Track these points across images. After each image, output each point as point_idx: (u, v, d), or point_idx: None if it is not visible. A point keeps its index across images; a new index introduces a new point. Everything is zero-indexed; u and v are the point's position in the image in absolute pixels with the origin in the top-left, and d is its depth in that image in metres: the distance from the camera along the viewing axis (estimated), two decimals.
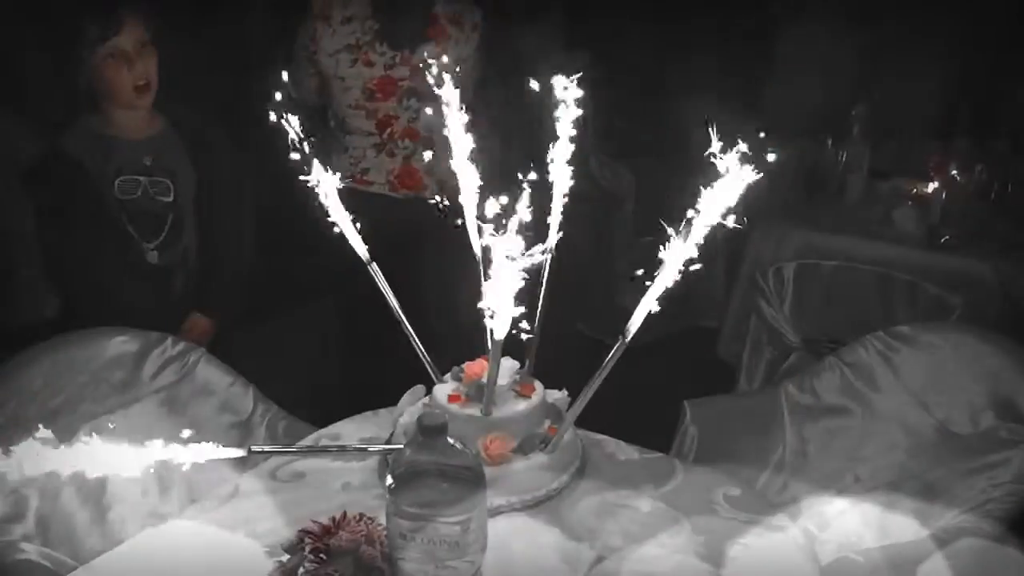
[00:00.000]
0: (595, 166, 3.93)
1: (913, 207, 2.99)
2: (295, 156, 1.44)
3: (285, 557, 1.15)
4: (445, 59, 1.52)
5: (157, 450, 1.29)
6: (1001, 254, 2.76)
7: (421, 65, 1.52)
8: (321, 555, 1.10)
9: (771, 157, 1.25)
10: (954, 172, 2.89)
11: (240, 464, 1.70)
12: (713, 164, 1.27)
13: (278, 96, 1.41)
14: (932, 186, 2.95)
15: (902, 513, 1.76)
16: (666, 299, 1.42)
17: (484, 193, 1.49)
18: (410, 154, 2.76)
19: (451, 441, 1.06)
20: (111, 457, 1.25)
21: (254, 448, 1.42)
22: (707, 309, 3.89)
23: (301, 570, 1.11)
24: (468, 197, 1.54)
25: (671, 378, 3.15)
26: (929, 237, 2.86)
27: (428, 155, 1.49)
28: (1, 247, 2.64)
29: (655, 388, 2.62)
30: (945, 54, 3.78)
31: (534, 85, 1.45)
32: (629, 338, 1.37)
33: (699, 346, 3.65)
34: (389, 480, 1.05)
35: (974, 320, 2.31)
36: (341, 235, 1.53)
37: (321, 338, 3.05)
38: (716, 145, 1.25)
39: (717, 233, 1.29)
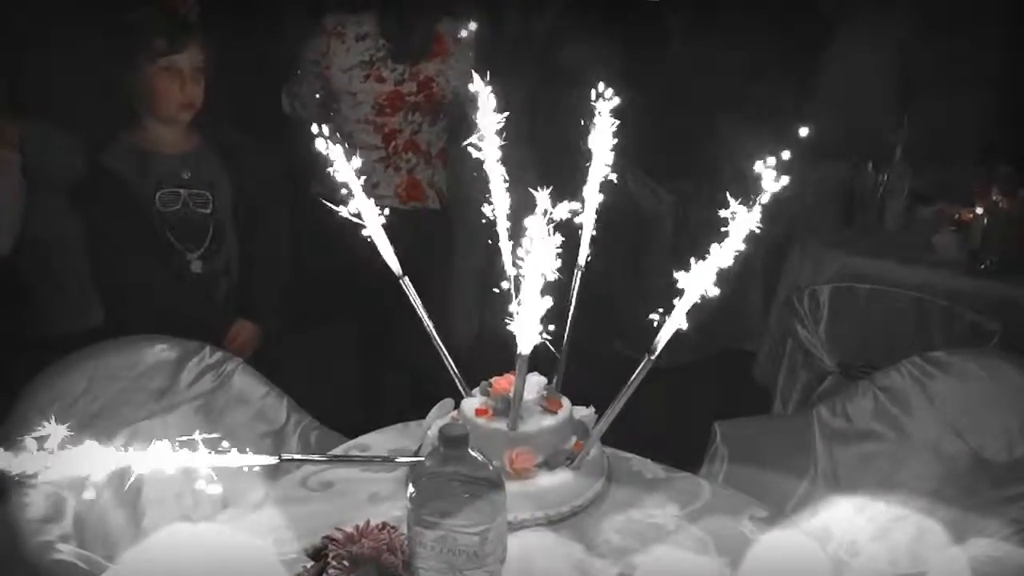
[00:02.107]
0: (633, 186, 3.94)
1: (954, 232, 2.96)
2: (337, 173, 1.48)
3: (309, 563, 1.17)
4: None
5: (192, 455, 1.33)
6: None
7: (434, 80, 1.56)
8: (344, 562, 1.12)
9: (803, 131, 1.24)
10: (996, 197, 2.85)
11: (272, 472, 1.73)
12: (749, 184, 1.27)
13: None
14: (974, 211, 2.91)
15: (933, 540, 1.74)
16: (704, 321, 1.42)
17: (515, 207, 1.52)
18: (413, 167, 2.85)
19: (472, 452, 1.08)
20: (147, 461, 1.29)
21: (285, 456, 1.45)
22: (744, 332, 3.88)
23: None
24: (500, 211, 1.56)
25: (706, 400, 3.14)
26: (970, 262, 2.83)
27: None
28: (50, 259, 2.72)
29: (690, 410, 2.61)
30: (990, 79, 3.74)
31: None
32: (656, 355, 1.37)
33: (736, 369, 3.63)
34: (410, 489, 1.07)
35: (1014, 347, 2.28)
36: (372, 249, 1.56)
37: (353, 351, 3.10)
38: (756, 166, 1.25)
39: (755, 256, 1.30)
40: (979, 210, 2.88)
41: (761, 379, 3.26)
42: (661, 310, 1.32)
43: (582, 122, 1.54)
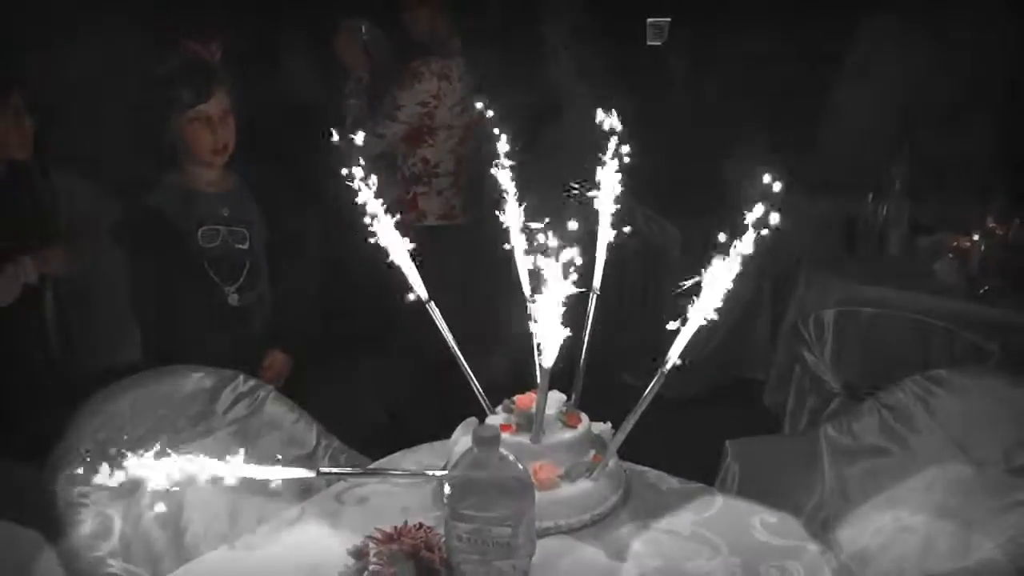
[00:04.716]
0: (641, 221, 4.05)
1: (954, 260, 3.04)
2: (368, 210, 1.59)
3: (351, 561, 1.26)
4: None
5: (236, 467, 1.43)
6: None
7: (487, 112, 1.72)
8: (384, 558, 1.21)
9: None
10: (992, 224, 2.94)
11: (306, 493, 1.83)
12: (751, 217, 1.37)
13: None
14: (972, 239, 3.01)
15: (939, 550, 1.81)
16: (714, 352, 1.51)
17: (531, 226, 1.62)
18: (464, 186, 3.27)
19: (503, 452, 1.17)
20: (197, 471, 1.39)
21: (323, 470, 1.54)
22: (753, 361, 3.97)
23: (366, 573, 1.22)
24: (515, 230, 1.66)
25: (717, 427, 3.20)
26: (968, 288, 2.92)
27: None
28: (87, 296, 2.84)
29: (701, 437, 2.68)
30: (987, 112, 3.85)
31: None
32: (668, 368, 1.46)
33: (745, 397, 3.72)
34: (447, 488, 1.17)
35: (1011, 366, 2.35)
36: (401, 275, 1.67)
37: (380, 376, 3.20)
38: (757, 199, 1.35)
39: (762, 288, 1.39)
40: (976, 238, 2.97)
41: (770, 405, 3.34)
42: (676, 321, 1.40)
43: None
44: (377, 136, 3.11)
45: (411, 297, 1.68)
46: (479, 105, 1.72)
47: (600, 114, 1.66)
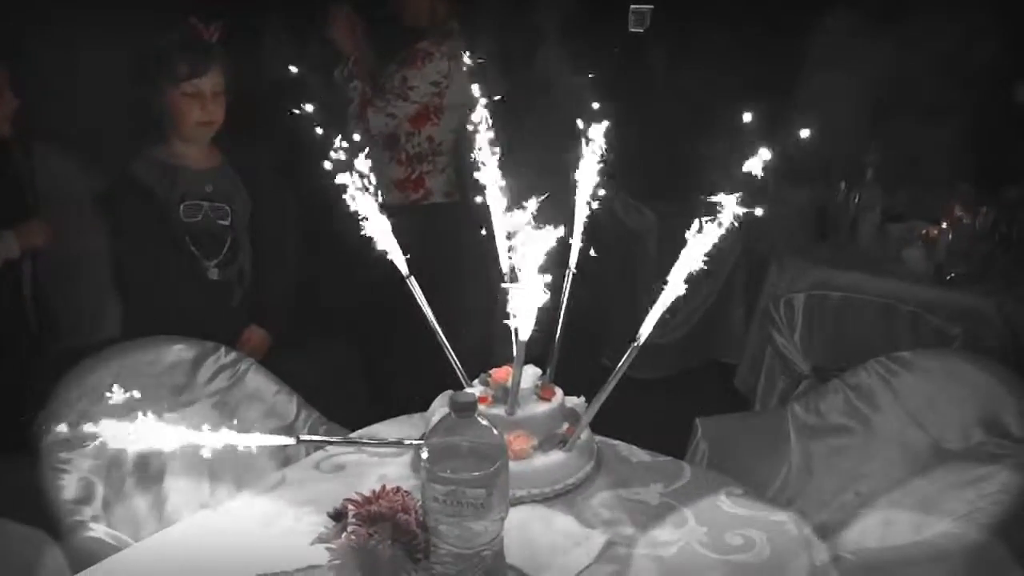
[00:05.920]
0: (619, 207, 4.11)
1: (922, 247, 3.12)
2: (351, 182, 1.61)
3: (331, 524, 1.30)
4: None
5: (217, 435, 1.47)
6: (1005, 291, 2.88)
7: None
8: (363, 520, 1.25)
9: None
10: (960, 213, 3.02)
11: (285, 460, 1.87)
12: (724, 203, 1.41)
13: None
14: (940, 227, 3.08)
15: (899, 524, 1.87)
16: (688, 334, 1.55)
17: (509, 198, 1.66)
18: (460, 165, 3.27)
19: (479, 418, 1.22)
20: (178, 438, 1.43)
21: (303, 437, 1.58)
22: (725, 345, 4.05)
23: (345, 534, 1.26)
24: (494, 202, 1.70)
25: (689, 409, 3.27)
26: (936, 274, 2.99)
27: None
28: (68, 273, 2.86)
29: (672, 416, 2.73)
30: (956, 104, 3.92)
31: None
32: (641, 342, 1.51)
33: (717, 380, 3.79)
34: (425, 452, 1.21)
35: (975, 349, 2.43)
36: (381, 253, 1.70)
37: (357, 349, 3.24)
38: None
39: (736, 273, 1.43)
40: (944, 226, 3.05)
41: (742, 388, 3.40)
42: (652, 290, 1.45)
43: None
44: (388, 116, 3.14)
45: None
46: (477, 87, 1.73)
47: (584, 100, 1.70)
